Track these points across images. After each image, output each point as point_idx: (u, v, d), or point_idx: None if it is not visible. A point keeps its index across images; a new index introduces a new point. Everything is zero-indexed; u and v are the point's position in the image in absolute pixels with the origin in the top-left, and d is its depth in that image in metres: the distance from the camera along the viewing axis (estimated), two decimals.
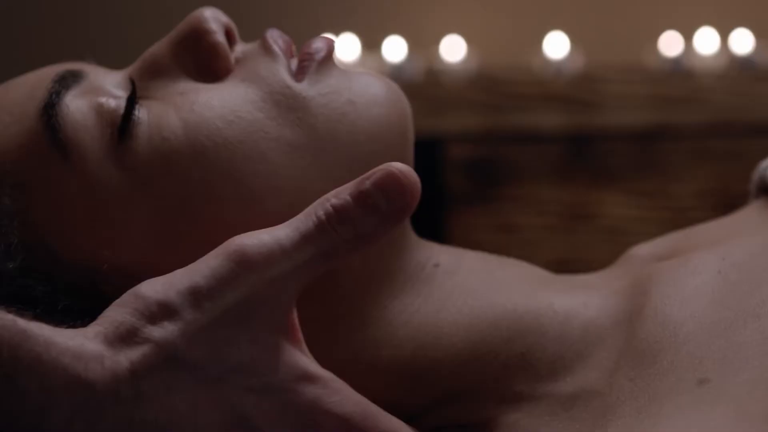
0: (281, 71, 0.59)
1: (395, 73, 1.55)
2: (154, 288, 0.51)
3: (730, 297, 0.57)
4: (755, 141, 1.44)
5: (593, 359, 0.59)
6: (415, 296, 0.61)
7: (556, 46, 1.58)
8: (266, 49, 0.60)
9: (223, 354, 0.51)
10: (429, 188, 1.47)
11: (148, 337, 0.49)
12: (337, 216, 0.52)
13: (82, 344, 0.49)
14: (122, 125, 0.57)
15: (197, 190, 0.57)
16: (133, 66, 0.61)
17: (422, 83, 1.51)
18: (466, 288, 0.62)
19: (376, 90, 0.61)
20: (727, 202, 0.76)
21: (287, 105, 0.58)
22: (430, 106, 1.47)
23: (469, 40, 1.64)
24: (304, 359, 0.53)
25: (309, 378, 0.52)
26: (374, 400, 0.55)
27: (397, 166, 0.53)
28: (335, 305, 0.60)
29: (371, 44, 1.60)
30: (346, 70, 0.61)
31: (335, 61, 0.61)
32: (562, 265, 1.41)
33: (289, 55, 0.60)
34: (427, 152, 1.47)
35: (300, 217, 0.53)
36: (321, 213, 0.53)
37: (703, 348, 0.54)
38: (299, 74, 0.60)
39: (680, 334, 0.56)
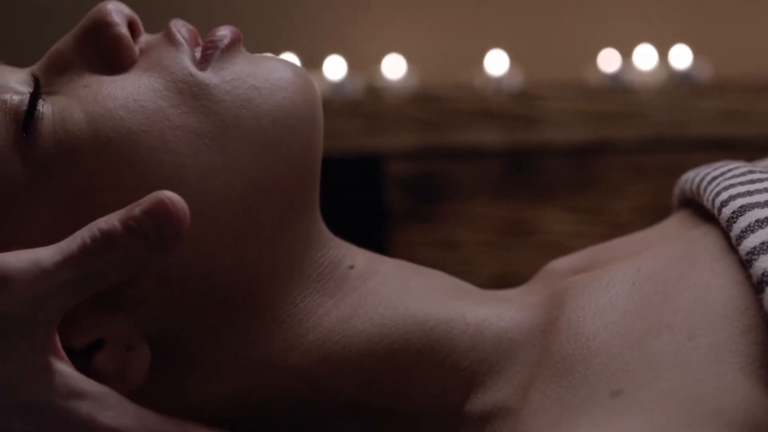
0: (184, 59, 0.59)
1: (335, 91, 1.56)
2: None
3: (643, 308, 0.57)
4: (693, 156, 1.43)
5: (506, 373, 0.59)
6: (327, 297, 0.61)
7: (496, 63, 1.59)
8: (170, 39, 0.60)
9: None
10: (370, 205, 1.49)
11: None
12: (103, 240, 0.53)
13: None
14: (26, 121, 0.57)
15: (102, 182, 0.56)
16: (39, 63, 0.61)
17: (362, 101, 1.52)
18: (378, 295, 0.61)
19: (280, 74, 0.60)
20: (664, 218, 0.76)
21: (191, 93, 0.58)
22: (371, 123, 1.47)
23: (410, 59, 1.64)
24: (74, 376, 0.53)
25: (80, 395, 0.52)
26: (274, 399, 0.56)
27: (168, 194, 0.53)
28: (244, 298, 0.59)
29: (311, 63, 1.60)
30: (253, 56, 0.61)
31: (241, 48, 0.61)
32: (501, 280, 1.41)
33: (193, 44, 0.60)
34: (368, 169, 1.47)
35: (67, 239, 0.53)
36: (87, 236, 0.53)
37: (617, 359, 0.54)
38: (203, 62, 0.59)
39: (593, 346, 0.56)
